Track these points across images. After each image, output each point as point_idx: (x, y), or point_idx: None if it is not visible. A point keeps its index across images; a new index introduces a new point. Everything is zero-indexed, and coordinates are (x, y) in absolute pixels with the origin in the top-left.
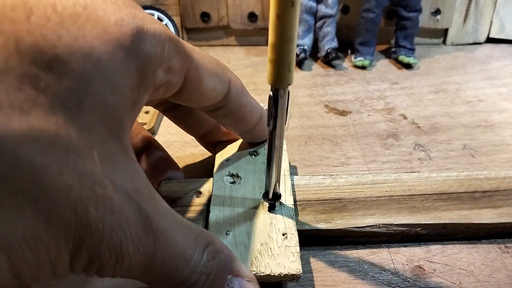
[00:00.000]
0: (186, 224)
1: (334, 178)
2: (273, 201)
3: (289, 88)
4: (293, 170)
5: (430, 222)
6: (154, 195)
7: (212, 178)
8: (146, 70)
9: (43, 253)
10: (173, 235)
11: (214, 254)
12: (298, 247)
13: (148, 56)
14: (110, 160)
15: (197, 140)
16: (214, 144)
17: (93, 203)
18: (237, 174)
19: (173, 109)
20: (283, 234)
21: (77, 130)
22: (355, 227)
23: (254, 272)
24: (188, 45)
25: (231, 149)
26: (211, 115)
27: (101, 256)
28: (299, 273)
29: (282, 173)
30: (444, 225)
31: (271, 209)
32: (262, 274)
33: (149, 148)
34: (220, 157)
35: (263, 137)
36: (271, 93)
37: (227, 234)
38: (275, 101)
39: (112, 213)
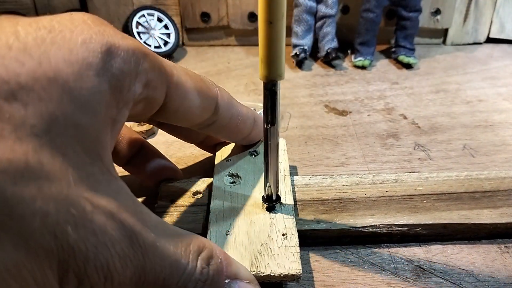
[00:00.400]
0: (177, 233)
1: (334, 178)
2: (272, 203)
3: (289, 87)
4: (293, 170)
5: (430, 222)
6: (141, 209)
7: (212, 178)
8: (120, 86)
9: (29, 281)
10: (164, 246)
11: (208, 260)
12: (298, 247)
13: (120, 71)
14: (89, 180)
15: (197, 146)
16: (214, 146)
17: (72, 226)
18: (237, 174)
19: (163, 123)
20: (283, 234)
21: (49, 155)
22: (355, 227)
23: (254, 273)
24: (167, 62)
25: (231, 149)
26: (204, 131)
27: (89, 277)
28: (299, 273)
29: (282, 173)
30: (444, 225)
31: (271, 209)
32: (262, 275)
33: (142, 152)
34: (220, 157)
35: (259, 138)
36: (265, 90)
37: (227, 234)
38: (272, 94)
39: (95, 234)
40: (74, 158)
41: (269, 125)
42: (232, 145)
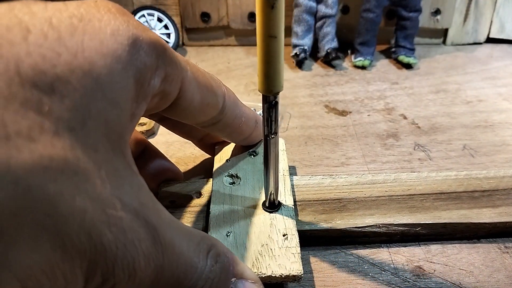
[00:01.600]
0: (188, 231)
1: (333, 178)
2: (273, 209)
3: (289, 87)
4: (292, 170)
5: (430, 222)
6: (158, 206)
7: (211, 179)
8: (143, 80)
9: (59, 279)
10: (179, 244)
11: (217, 258)
12: (299, 248)
13: (144, 64)
14: (116, 177)
15: (195, 144)
16: (212, 146)
17: (106, 225)
18: (236, 174)
19: (168, 118)
20: (284, 235)
21: (83, 151)
22: (355, 227)
23: (255, 274)
24: (182, 57)
25: (230, 149)
26: (208, 129)
27: (115, 275)
28: (300, 274)
29: (281, 174)
30: (444, 225)
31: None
32: (264, 276)
33: (145, 153)
34: (219, 157)
35: (259, 139)
36: (267, 103)
37: (227, 236)
38: (275, 106)
39: (125, 232)
40: (104, 154)
41: (272, 135)
42: (231, 146)
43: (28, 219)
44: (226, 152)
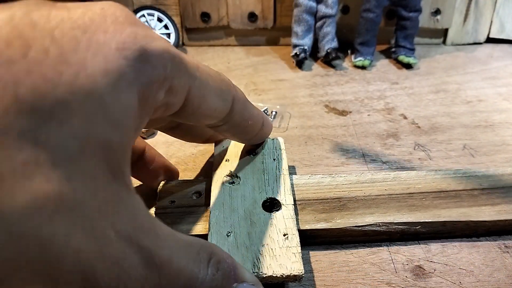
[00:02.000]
0: (186, 242)
1: (333, 177)
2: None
3: (289, 87)
4: (292, 170)
5: (430, 220)
6: (154, 222)
7: (211, 179)
8: (148, 95)
9: None
10: (178, 260)
11: (218, 266)
12: (300, 248)
13: (150, 79)
14: (113, 202)
15: (200, 143)
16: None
17: (101, 260)
18: (236, 174)
19: (173, 128)
20: (284, 235)
21: (81, 181)
22: (355, 226)
23: (256, 274)
24: (192, 63)
25: (230, 149)
26: (213, 130)
27: None
28: (301, 273)
29: (281, 173)
30: (444, 223)
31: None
32: (265, 276)
33: (144, 155)
34: (219, 157)
35: (264, 139)
36: None
37: (228, 236)
38: None
39: (117, 263)
40: (103, 179)
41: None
42: (231, 145)
43: (21, 263)
44: (225, 151)
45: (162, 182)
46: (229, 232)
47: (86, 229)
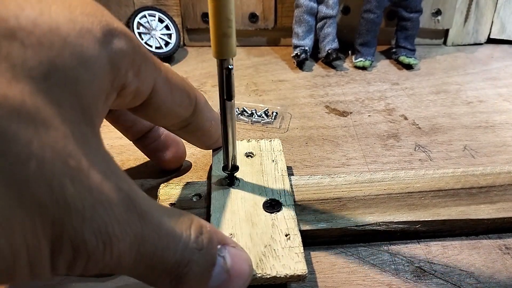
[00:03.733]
0: (166, 207)
1: (332, 177)
2: (232, 172)
3: (290, 88)
4: (289, 171)
5: (429, 219)
6: (132, 181)
7: (211, 181)
8: (118, 65)
9: (18, 238)
10: (158, 215)
11: (200, 229)
12: (302, 248)
13: (120, 50)
14: (83, 139)
15: (135, 145)
16: (153, 151)
17: (69, 179)
18: (235, 176)
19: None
20: (286, 235)
21: (46, 102)
22: (355, 226)
23: (260, 275)
24: (156, 59)
25: None
26: (179, 133)
27: (86, 242)
28: (304, 273)
29: (279, 174)
30: (443, 222)
31: (231, 184)
32: (268, 276)
33: (151, 131)
34: (217, 159)
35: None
36: (224, 68)
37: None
38: (229, 70)
39: (91, 191)
40: (71, 112)
41: (228, 100)
42: None
43: None
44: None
45: (162, 185)
46: (230, 234)
47: (51, 144)
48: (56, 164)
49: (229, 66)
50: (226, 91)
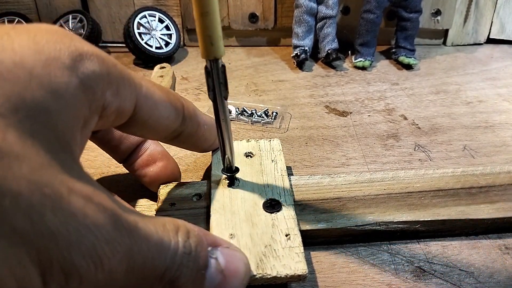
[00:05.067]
0: (151, 217)
1: (332, 177)
2: (232, 173)
3: (290, 88)
4: (289, 171)
5: (429, 219)
6: (115, 198)
7: (210, 181)
8: (93, 87)
9: (5, 273)
10: (145, 227)
11: (188, 234)
12: (302, 247)
13: (93, 73)
14: (62, 166)
15: (125, 167)
16: (140, 167)
17: (49, 209)
18: (235, 176)
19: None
20: (286, 235)
21: (16, 136)
22: (355, 226)
23: (260, 275)
24: (136, 74)
25: None
26: (173, 142)
27: (76, 265)
28: (305, 273)
29: (279, 174)
30: (443, 222)
31: (231, 184)
32: (269, 276)
33: (138, 147)
34: (216, 159)
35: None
36: (216, 69)
37: (230, 238)
38: (207, 72)
39: (75, 216)
40: (45, 142)
41: (224, 99)
42: None
43: None
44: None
45: (161, 186)
46: (231, 235)
47: (26, 177)
48: (33, 196)
49: (223, 64)
50: (224, 89)
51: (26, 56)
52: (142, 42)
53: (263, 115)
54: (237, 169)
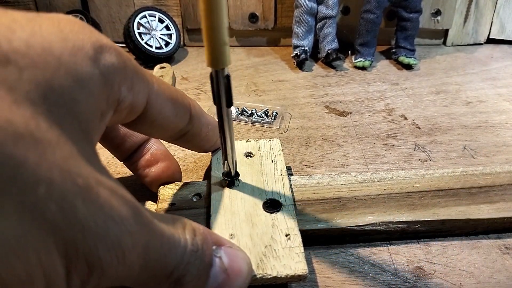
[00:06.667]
0: (160, 214)
1: (332, 177)
2: (232, 178)
3: (290, 88)
4: (290, 171)
5: (429, 219)
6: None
7: (210, 181)
8: (112, 80)
9: (33, 260)
10: (159, 223)
11: (194, 232)
12: (302, 247)
13: (112, 65)
14: (87, 157)
15: (126, 165)
16: (142, 167)
17: (80, 198)
18: (235, 177)
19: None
20: (286, 235)
21: (47, 123)
22: (355, 226)
23: (260, 275)
24: (148, 72)
25: None
26: (178, 142)
27: (100, 258)
28: (305, 273)
29: (279, 173)
30: (443, 222)
31: (231, 184)
32: (269, 277)
33: (141, 146)
34: (216, 159)
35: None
36: (222, 77)
37: (230, 238)
38: (212, 80)
39: (102, 208)
40: (72, 132)
41: (228, 107)
42: None
43: None
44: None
45: (161, 186)
46: (230, 235)
47: (59, 164)
48: (65, 185)
49: (228, 74)
50: (227, 99)
51: (54, 43)
52: (142, 42)
53: (263, 115)
54: (237, 174)
